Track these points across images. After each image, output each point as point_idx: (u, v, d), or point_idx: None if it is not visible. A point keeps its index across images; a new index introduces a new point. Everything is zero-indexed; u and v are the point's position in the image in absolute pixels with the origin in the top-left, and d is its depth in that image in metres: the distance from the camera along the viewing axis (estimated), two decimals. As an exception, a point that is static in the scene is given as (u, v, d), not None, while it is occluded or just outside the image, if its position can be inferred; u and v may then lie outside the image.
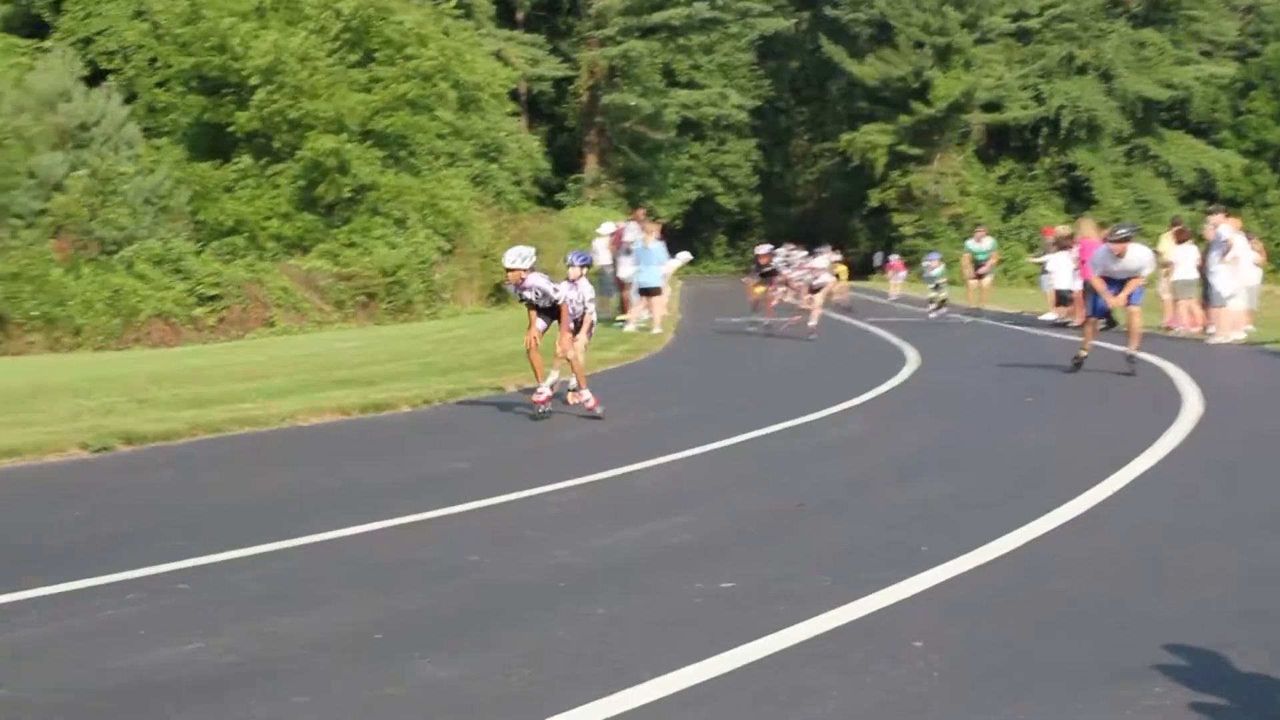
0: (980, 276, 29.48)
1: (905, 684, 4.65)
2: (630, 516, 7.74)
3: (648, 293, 24.07)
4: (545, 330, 12.65)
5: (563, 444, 11.09)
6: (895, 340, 22.10)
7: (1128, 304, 15.13)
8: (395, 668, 4.84)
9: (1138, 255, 15.02)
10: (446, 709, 4.42)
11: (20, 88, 33.29)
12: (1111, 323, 21.54)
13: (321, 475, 9.47)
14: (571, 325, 12.67)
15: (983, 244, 29.88)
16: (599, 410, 12.45)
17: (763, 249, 24.53)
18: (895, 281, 42.83)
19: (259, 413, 12.26)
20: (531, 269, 12.44)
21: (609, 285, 25.90)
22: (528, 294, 12.47)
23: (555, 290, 12.46)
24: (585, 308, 12.86)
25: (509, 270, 12.51)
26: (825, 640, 5.18)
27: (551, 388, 12.74)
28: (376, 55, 37.13)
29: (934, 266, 29.10)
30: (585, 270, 13.21)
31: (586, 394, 12.65)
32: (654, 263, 23.93)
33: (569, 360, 12.62)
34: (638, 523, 7.54)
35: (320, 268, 33.38)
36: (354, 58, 36.79)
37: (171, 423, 11.46)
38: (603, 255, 26.09)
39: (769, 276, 23.70)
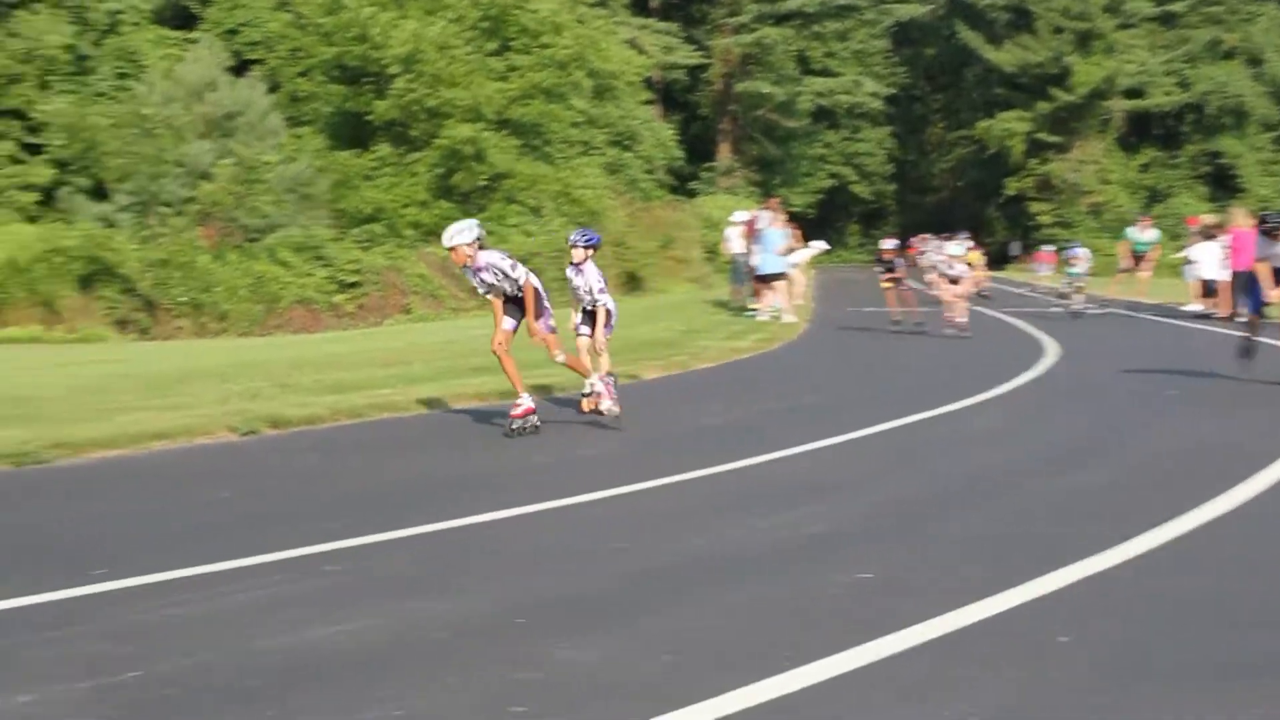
0: (1137, 269, 28.04)
1: (1050, 680, 4.58)
2: (769, 505, 7.74)
3: (766, 279, 23.97)
4: (516, 329, 10.98)
5: (698, 431, 11.11)
6: (1034, 331, 21.77)
7: None
8: (537, 652, 4.89)
9: None
10: (588, 693, 4.45)
11: (170, 78, 34.19)
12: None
13: (461, 461, 9.63)
14: (581, 319, 11.67)
15: (1146, 234, 28.35)
16: (603, 406, 11.23)
17: (887, 243, 23.80)
18: (1041, 273, 41.89)
19: (399, 398, 12.50)
20: (479, 244, 10.61)
21: (741, 274, 25.90)
22: (485, 277, 10.64)
23: (515, 269, 10.71)
24: (595, 298, 11.58)
25: (450, 250, 10.74)
26: (968, 633, 5.12)
27: (591, 395, 11.34)
28: (513, 44, 37.47)
29: (1078, 262, 27.08)
30: (591, 253, 11.68)
31: (596, 383, 11.32)
32: (772, 249, 23.81)
33: (547, 345, 11.03)
34: (776, 511, 7.53)
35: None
36: (491, 46, 37.18)
37: (314, 407, 11.73)
38: (735, 244, 26.10)
39: (893, 271, 22.71)
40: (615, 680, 4.59)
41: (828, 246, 31.64)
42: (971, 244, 29.82)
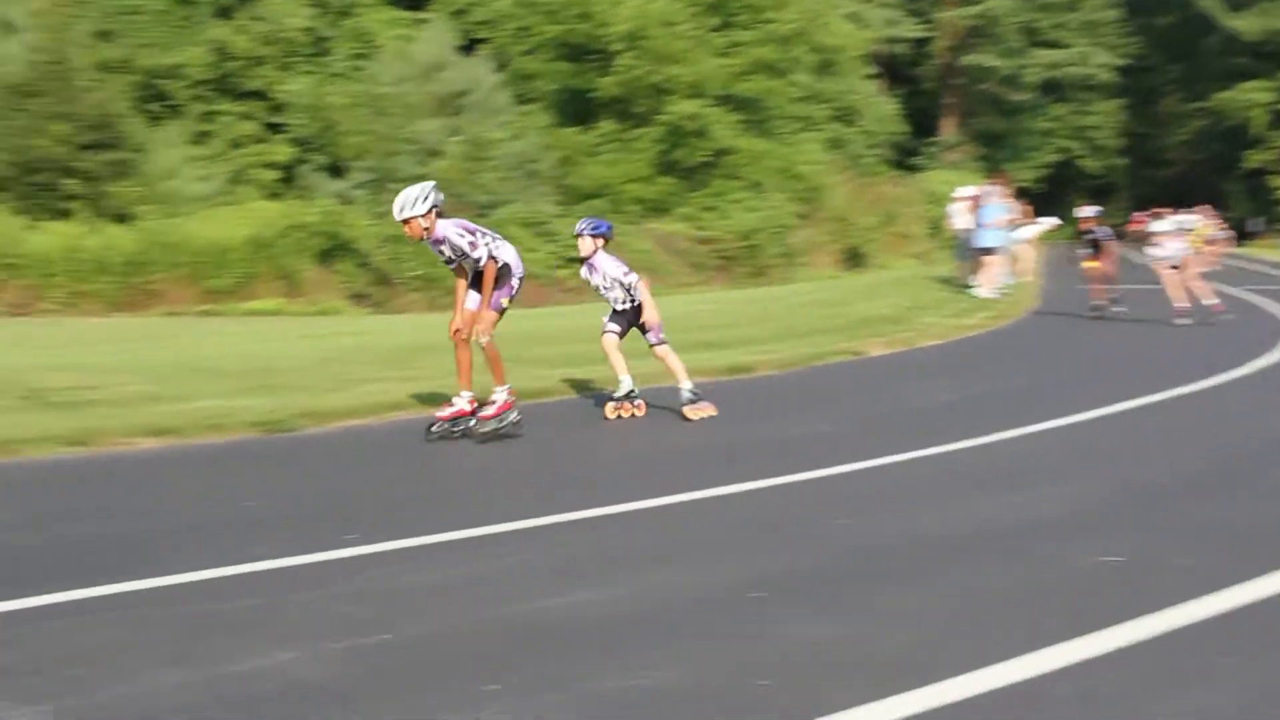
0: None
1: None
2: (1001, 485, 7.63)
3: (983, 253, 23.47)
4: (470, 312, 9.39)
5: (928, 410, 10.97)
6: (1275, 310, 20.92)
7: None
8: (776, 626, 4.93)
9: None
10: (828, 669, 4.47)
11: (402, 58, 35.12)
12: None
13: (690, 435, 9.70)
14: (610, 317, 10.49)
15: None
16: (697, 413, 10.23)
17: (1086, 211, 21.43)
18: None
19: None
20: (436, 213, 9.03)
21: (965, 250, 25.42)
22: (444, 250, 9.15)
23: (474, 248, 9.06)
24: (628, 290, 10.43)
25: (403, 224, 9.05)
26: (1218, 622, 4.98)
27: (623, 401, 10.37)
28: (735, 19, 37.44)
29: None
30: (602, 243, 10.46)
31: (628, 384, 10.39)
32: (988, 222, 23.29)
33: (484, 347, 9.27)
34: (1010, 491, 7.42)
35: (680, 231, 34.01)
36: (713, 22, 37.21)
37: (545, 380, 11.95)
38: (959, 220, 25.62)
39: (1097, 246, 20.57)
40: (854, 657, 4.60)
41: (1059, 222, 30.82)
42: (1200, 218, 26.16)
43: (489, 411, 9.31)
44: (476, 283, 9.24)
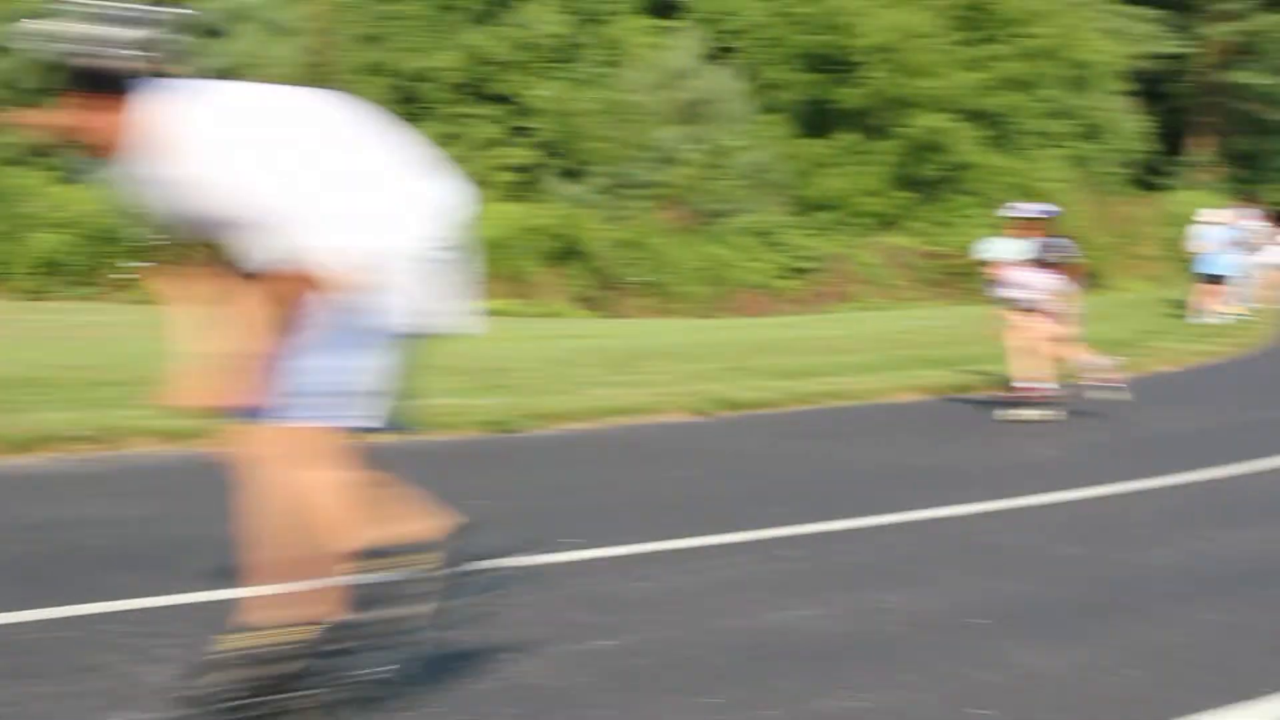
0: None
1: None
2: (1236, 519, 7.39)
3: (1211, 280, 22.63)
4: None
5: (1160, 437, 10.69)
6: None
7: None
8: (997, 653, 4.86)
9: None
10: (1049, 701, 4.39)
11: (648, 65, 35.56)
12: None
13: (912, 453, 9.65)
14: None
15: None
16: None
17: None
18: None
19: (852, 386, 12.63)
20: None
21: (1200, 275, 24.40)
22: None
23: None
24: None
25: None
26: None
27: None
28: (989, 33, 36.90)
29: None
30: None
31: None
32: (1220, 246, 22.45)
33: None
34: (1245, 527, 7.19)
35: (908, 245, 33.66)
36: (965, 35, 36.75)
37: (768, 391, 12.02)
38: (1201, 243, 24.57)
39: None
40: (1081, 691, 4.50)
41: None
42: None
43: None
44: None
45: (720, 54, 37.83)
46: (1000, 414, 11.29)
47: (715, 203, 32.01)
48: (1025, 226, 12.06)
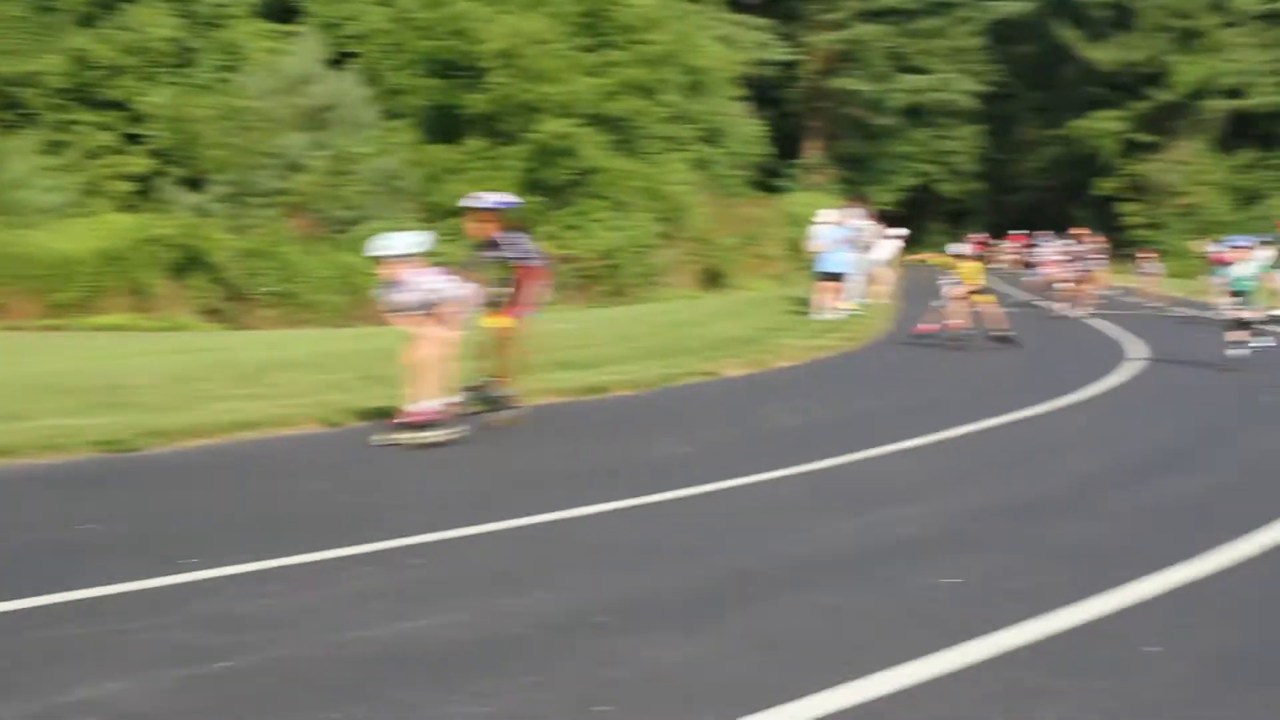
0: None
1: (1140, 691, 4.54)
2: (854, 506, 7.72)
3: (827, 277, 23.83)
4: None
5: (782, 431, 11.08)
6: (1115, 332, 21.49)
7: None
8: (622, 650, 4.92)
9: None
10: (673, 693, 4.47)
11: (268, 70, 34.65)
12: None
13: (544, 457, 9.68)
14: None
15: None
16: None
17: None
18: (1146, 273, 37.30)
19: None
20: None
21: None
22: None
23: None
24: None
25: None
26: (1057, 641, 5.08)
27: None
28: (609, 39, 37.60)
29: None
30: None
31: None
32: (835, 245, 23.71)
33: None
34: (862, 512, 7.51)
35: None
36: (586, 41, 37.33)
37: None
38: (818, 242, 25.84)
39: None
40: (701, 680, 4.61)
41: (906, 231, 31.13)
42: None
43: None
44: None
45: (343, 59, 37.29)
46: (380, 438, 9.73)
47: (343, 210, 31.48)
48: (482, 219, 11.10)
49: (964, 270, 19.51)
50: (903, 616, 5.43)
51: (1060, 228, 39.79)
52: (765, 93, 59.64)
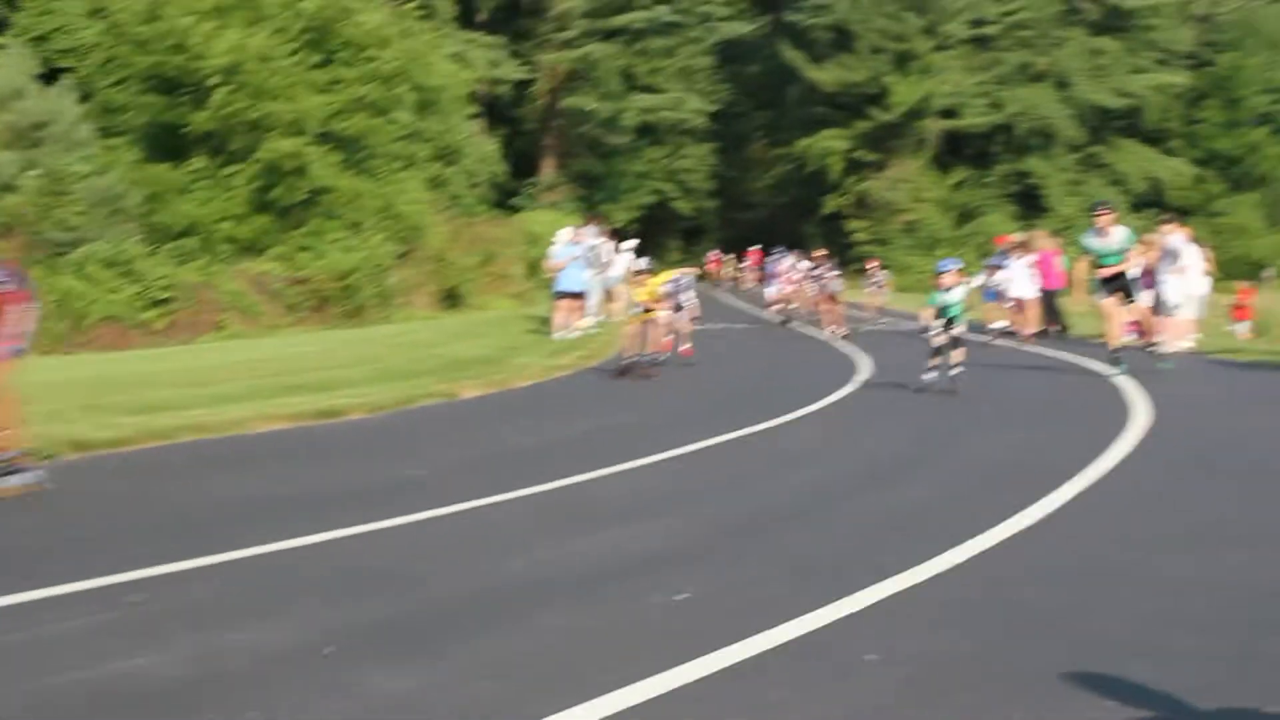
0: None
1: (861, 699, 4.66)
2: (586, 525, 7.72)
3: (563, 297, 24.03)
4: None
5: (518, 451, 11.03)
6: (848, 349, 22.14)
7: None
8: (349, 680, 4.80)
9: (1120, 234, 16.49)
10: (400, 724, 4.38)
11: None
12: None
13: (274, 484, 9.40)
14: None
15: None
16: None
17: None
18: (871, 289, 35.85)
19: (211, 419, 12.15)
20: None
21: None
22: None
23: None
24: None
25: None
26: (780, 653, 5.17)
27: None
28: (337, 56, 36.94)
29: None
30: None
31: None
32: (570, 263, 23.93)
33: None
34: (594, 532, 7.51)
35: (273, 271, 33.19)
36: (314, 59, 36.60)
37: (121, 429, 11.34)
38: (557, 261, 25.98)
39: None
40: (429, 708, 4.53)
41: (636, 241, 31.34)
42: (641, 264, 21.85)
43: None
44: None
45: (55, 74, 35.73)
46: None
47: (59, 232, 30.11)
48: None
49: (642, 290, 17.98)
50: (635, 634, 5.45)
51: (793, 244, 40.88)
52: (501, 112, 59.67)
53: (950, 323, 15.01)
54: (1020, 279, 25.29)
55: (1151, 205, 56.84)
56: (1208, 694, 4.66)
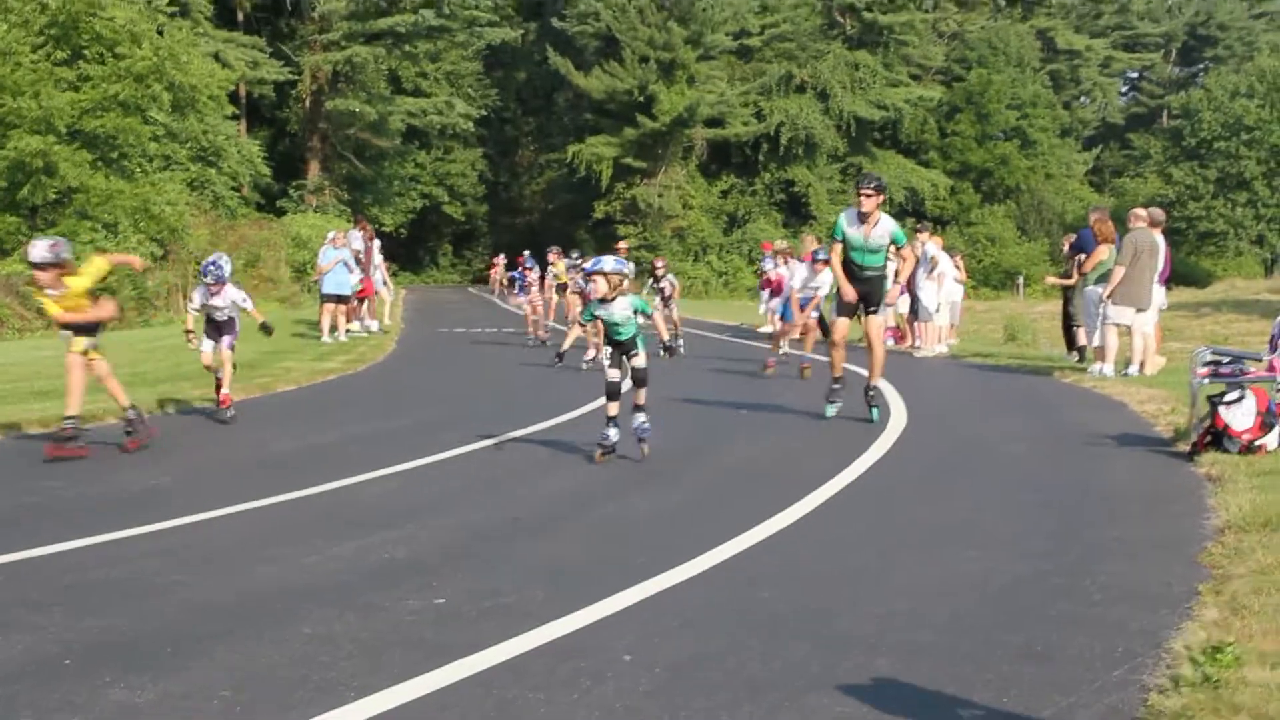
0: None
1: (614, 700, 4.67)
2: (342, 532, 7.57)
3: (332, 300, 23.86)
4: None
5: (275, 457, 10.79)
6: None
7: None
8: (87, 694, 4.63)
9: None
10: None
11: None
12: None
13: (15, 492, 8.99)
14: None
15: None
16: None
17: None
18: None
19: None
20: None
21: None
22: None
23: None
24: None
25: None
26: (534, 657, 5.16)
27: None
28: (86, 53, 35.60)
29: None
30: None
31: None
32: (337, 266, 23.81)
33: None
34: (350, 538, 7.38)
35: (21, 272, 31.80)
36: (62, 55, 35.19)
37: None
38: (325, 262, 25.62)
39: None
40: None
41: (378, 243, 30.92)
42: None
43: None
44: None
45: None
46: None
47: None
48: None
49: None
50: (383, 641, 5.38)
51: (566, 249, 40.93)
52: (263, 113, 58.40)
53: (622, 348, 10.50)
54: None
55: (910, 214, 58.77)
56: (940, 695, 4.82)
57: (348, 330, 24.40)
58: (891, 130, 67.31)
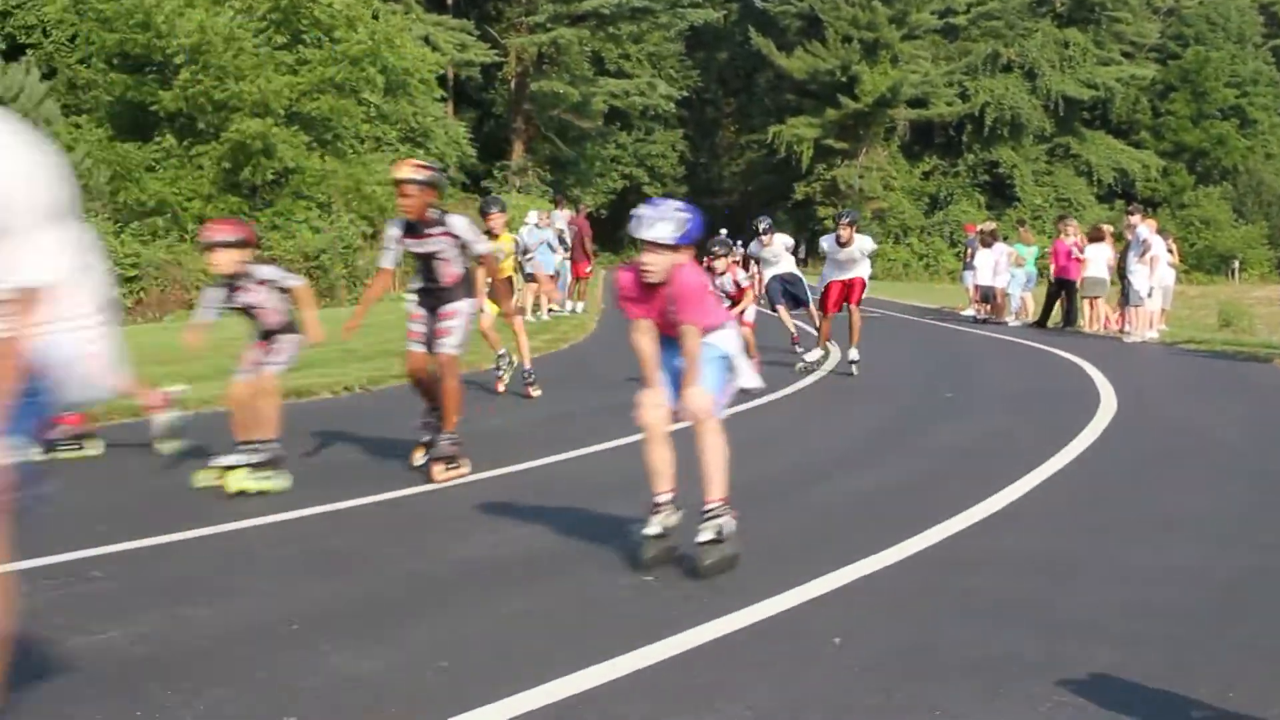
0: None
1: (823, 682, 4.66)
2: (553, 505, 7.69)
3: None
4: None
5: (493, 431, 11.01)
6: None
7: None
8: (310, 659, 4.79)
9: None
10: (363, 701, 4.38)
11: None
12: None
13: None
14: None
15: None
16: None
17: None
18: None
19: (188, 396, 12.08)
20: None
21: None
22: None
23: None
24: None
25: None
26: (743, 636, 5.18)
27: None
28: (304, 37, 36.75)
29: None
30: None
31: None
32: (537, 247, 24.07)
33: None
34: (560, 513, 7.50)
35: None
36: (281, 39, 36.41)
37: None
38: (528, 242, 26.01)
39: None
40: (390, 688, 4.52)
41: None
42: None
43: None
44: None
45: (19, 51, 35.37)
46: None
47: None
48: None
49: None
50: (593, 617, 5.45)
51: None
52: (470, 95, 59.52)
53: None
54: (986, 267, 25.45)
55: (1120, 196, 57.19)
56: (1154, 683, 4.72)
57: (550, 309, 24.76)
58: (1102, 110, 65.48)
